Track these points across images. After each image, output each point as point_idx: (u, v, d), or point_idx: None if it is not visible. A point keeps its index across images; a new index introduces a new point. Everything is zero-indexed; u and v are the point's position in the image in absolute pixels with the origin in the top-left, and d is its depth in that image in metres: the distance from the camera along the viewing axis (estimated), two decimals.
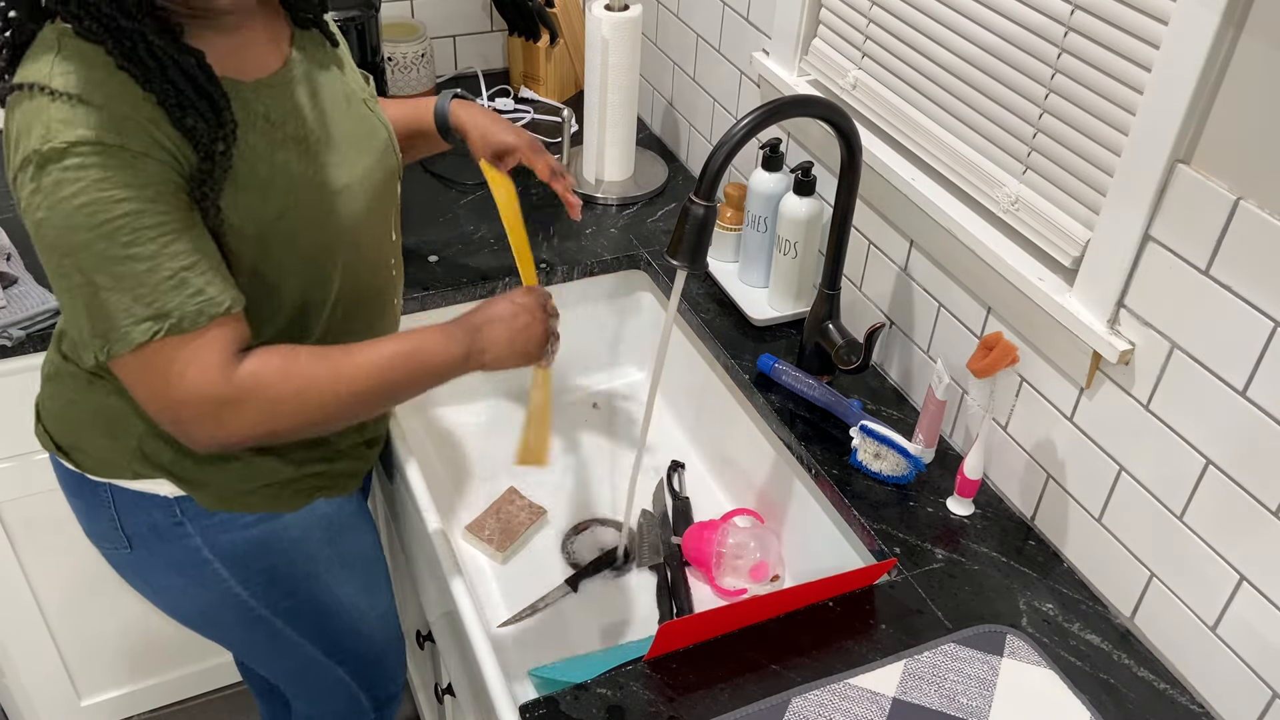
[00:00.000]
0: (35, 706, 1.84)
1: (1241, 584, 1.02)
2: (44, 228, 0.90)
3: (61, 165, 0.88)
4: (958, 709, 1.04)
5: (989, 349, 1.19)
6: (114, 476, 1.13)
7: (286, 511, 1.18)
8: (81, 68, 0.89)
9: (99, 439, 1.12)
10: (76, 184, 0.88)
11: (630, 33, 1.70)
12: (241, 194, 0.98)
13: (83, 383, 1.10)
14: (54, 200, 0.88)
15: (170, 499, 1.13)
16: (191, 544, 1.16)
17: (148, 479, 1.12)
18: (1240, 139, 0.93)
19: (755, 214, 1.54)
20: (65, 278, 0.92)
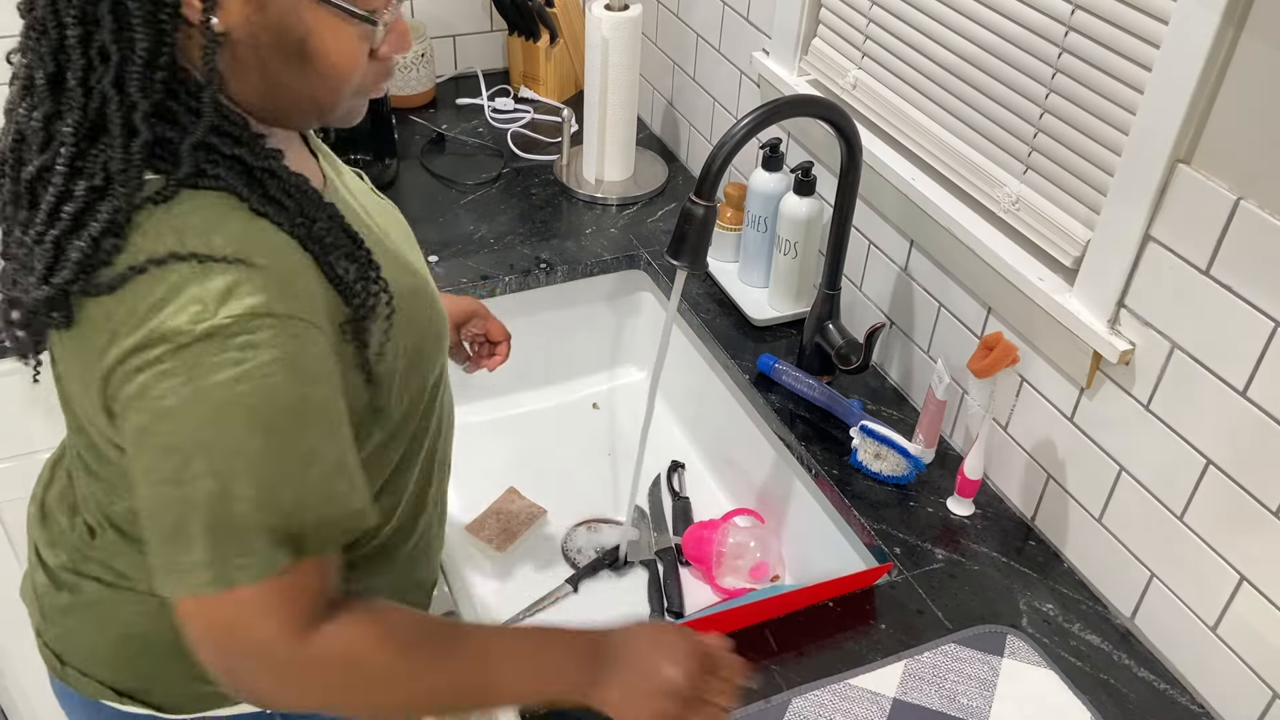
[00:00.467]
0: (35, 706, 1.84)
1: (1241, 584, 1.02)
2: (171, 419, 0.71)
3: (220, 342, 0.70)
4: (958, 709, 1.04)
5: (989, 349, 1.19)
6: (206, 708, 0.95)
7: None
8: (224, 220, 0.73)
9: (185, 669, 0.87)
10: (237, 366, 0.70)
11: (630, 33, 1.70)
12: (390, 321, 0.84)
13: (152, 607, 0.90)
14: (201, 385, 0.69)
15: (273, 714, 0.96)
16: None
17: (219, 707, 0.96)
18: (1240, 139, 0.93)
19: (755, 214, 1.54)
20: (180, 484, 0.72)
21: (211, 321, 0.70)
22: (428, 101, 2.06)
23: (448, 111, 2.05)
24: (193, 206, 0.74)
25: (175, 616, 0.77)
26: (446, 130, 1.97)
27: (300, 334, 0.73)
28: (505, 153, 1.92)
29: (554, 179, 1.85)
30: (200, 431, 0.70)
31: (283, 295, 0.73)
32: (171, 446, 0.71)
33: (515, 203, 1.78)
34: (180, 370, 0.70)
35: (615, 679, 0.85)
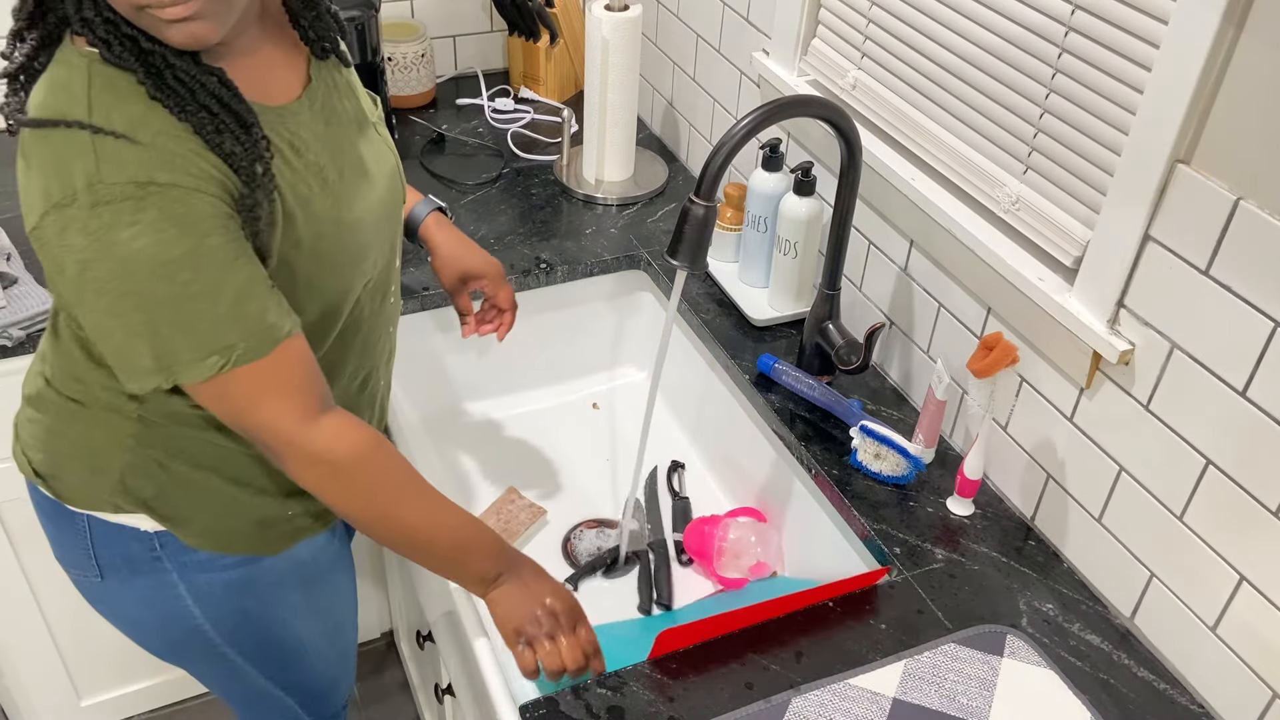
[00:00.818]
0: (35, 706, 1.84)
1: (1241, 584, 1.02)
2: (94, 268, 0.87)
3: (114, 207, 0.85)
4: (958, 709, 1.04)
5: (989, 349, 1.19)
6: (93, 508, 1.10)
7: (268, 555, 1.15)
8: (119, 102, 0.87)
9: (79, 469, 1.09)
10: (133, 226, 0.85)
11: (630, 33, 1.70)
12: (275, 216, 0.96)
13: (65, 413, 1.08)
14: (107, 242, 0.85)
15: (150, 533, 1.10)
16: (167, 579, 1.13)
17: (128, 513, 1.10)
18: (1240, 139, 0.93)
19: (755, 214, 1.54)
20: (118, 316, 0.89)
21: (103, 183, 0.85)
22: (428, 101, 2.06)
23: (448, 111, 2.05)
24: (104, 84, 0.88)
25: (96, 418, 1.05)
26: (446, 130, 1.97)
27: (182, 198, 0.87)
28: (505, 153, 1.92)
29: (554, 179, 1.86)
30: (116, 279, 0.87)
31: (164, 168, 0.87)
32: (101, 289, 0.88)
33: (515, 203, 1.78)
34: (90, 230, 0.85)
35: (510, 586, 1.07)
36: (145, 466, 1.07)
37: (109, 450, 1.07)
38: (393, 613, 1.97)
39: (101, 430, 1.06)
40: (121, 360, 0.93)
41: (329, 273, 1.02)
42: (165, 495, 1.09)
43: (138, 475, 1.07)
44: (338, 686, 1.38)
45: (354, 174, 1.04)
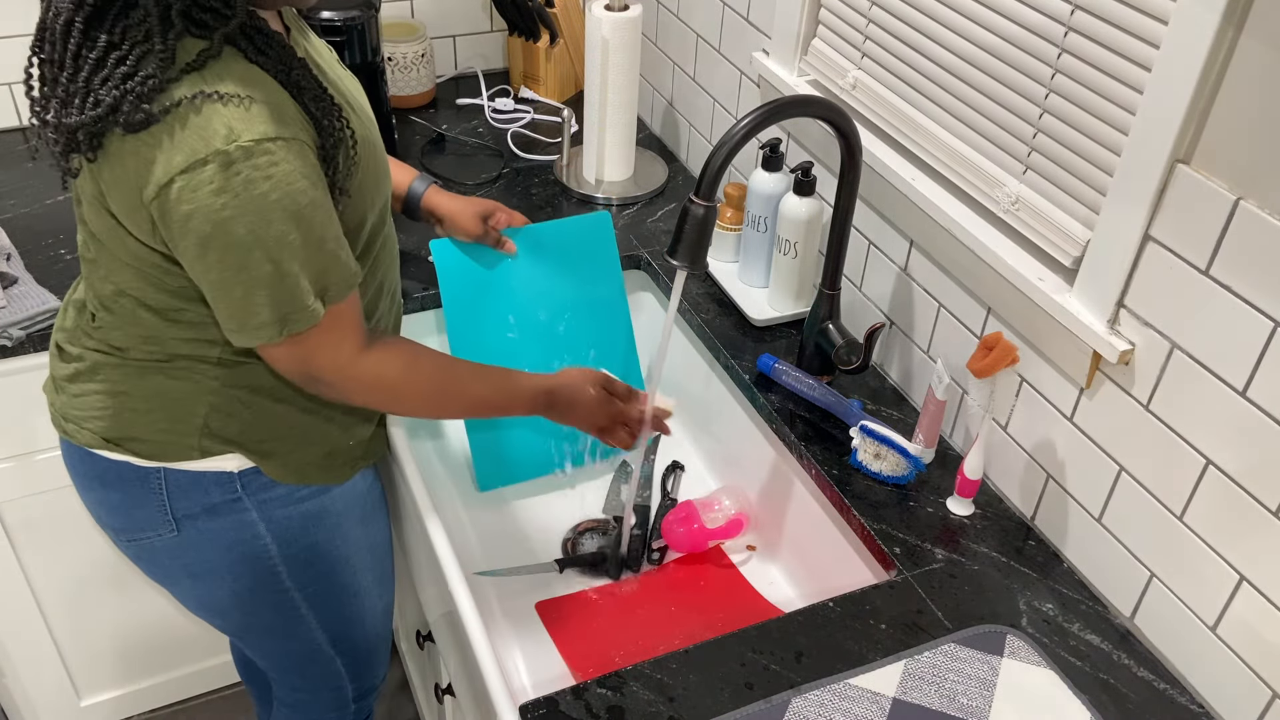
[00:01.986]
0: (35, 706, 1.84)
1: (1241, 584, 1.02)
2: (230, 225, 0.93)
3: (251, 163, 0.91)
4: (958, 709, 1.04)
5: (989, 349, 1.19)
6: (175, 459, 1.15)
7: (336, 484, 1.25)
8: (227, 67, 0.93)
9: (159, 424, 1.14)
10: (268, 180, 0.92)
11: (630, 33, 1.70)
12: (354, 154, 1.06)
13: (133, 371, 1.13)
14: (246, 197, 0.92)
15: (234, 474, 1.17)
16: (247, 518, 1.20)
17: (215, 455, 1.16)
18: (1240, 139, 0.93)
19: (755, 214, 1.54)
20: (243, 270, 0.96)
21: (238, 143, 0.91)
22: (428, 101, 2.06)
23: (448, 111, 2.05)
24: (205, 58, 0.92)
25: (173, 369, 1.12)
26: (446, 130, 1.97)
27: (300, 151, 0.95)
28: (505, 153, 1.92)
29: (554, 179, 1.86)
30: (253, 231, 0.94)
31: (282, 121, 0.94)
32: (232, 244, 0.94)
33: (515, 203, 1.78)
34: (230, 188, 0.91)
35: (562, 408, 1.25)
36: (229, 406, 1.14)
37: (193, 397, 1.13)
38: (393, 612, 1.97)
39: (182, 380, 1.12)
40: (237, 316, 1.00)
41: (371, 191, 1.12)
42: (250, 430, 1.16)
43: (222, 415, 1.14)
44: (379, 652, 1.46)
45: (356, 103, 1.13)
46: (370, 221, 1.14)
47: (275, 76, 0.96)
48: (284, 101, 0.96)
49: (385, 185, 1.18)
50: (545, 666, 1.30)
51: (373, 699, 1.55)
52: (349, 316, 1.06)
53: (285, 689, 1.47)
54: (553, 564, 1.43)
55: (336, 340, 1.06)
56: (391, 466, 1.43)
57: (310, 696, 1.46)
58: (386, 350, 1.12)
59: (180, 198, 0.92)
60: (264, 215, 0.93)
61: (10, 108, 1.86)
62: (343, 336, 1.06)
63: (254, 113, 0.92)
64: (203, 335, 1.10)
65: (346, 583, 1.33)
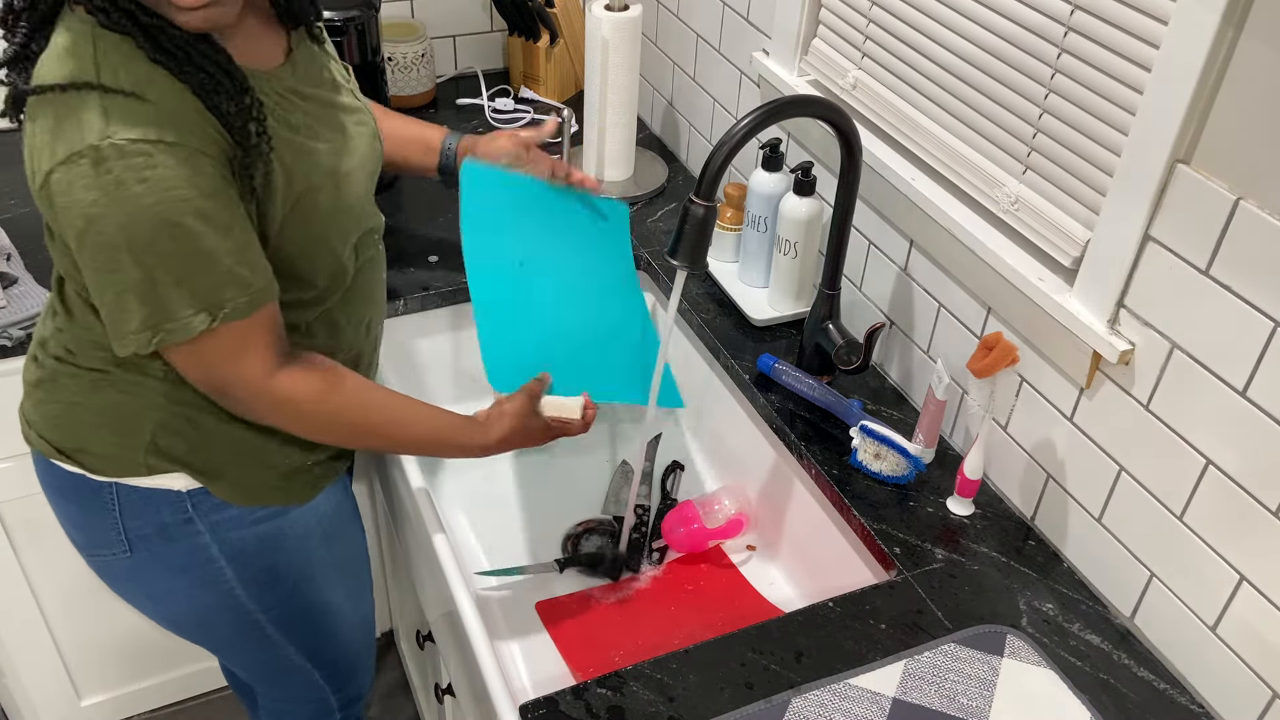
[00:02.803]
0: (35, 706, 1.84)
1: (1241, 584, 1.02)
2: (99, 223, 0.90)
3: (125, 162, 0.88)
4: (958, 709, 1.04)
5: (989, 349, 1.19)
6: (123, 475, 1.13)
7: (295, 505, 1.21)
8: (125, 63, 0.90)
9: (107, 437, 1.12)
10: (141, 183, 0.89)
11: (630, 33, 1.70)
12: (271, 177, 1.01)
13: (85, 383, 1.10)
14: (115, 197, 0.89)
15: (183, 493, 1.14)
16: (199, 541, 1.16)
17: (161, 474, 1.13)
18: (1240, 139, 0.93)
19: (755, 214, 1.54)
20: (114, 272, 0.93)
21: (111, 141, 0.88)
22: (428, 101, 2.06)
23: (448, 111, 2.05)
24: (109, 48, 0.91)
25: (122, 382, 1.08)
26: None
27: (188, 159, 0.91)
28: None
29: None
30: (122, 233, 0.90)
31: (171, 127, 0.90)
32: (102, 244, 0.91)
33: None
34: (99, 184, 0.88)
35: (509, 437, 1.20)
36: (176, 424, 1.11)
37: (140, 412, 1.10)
38: (393, 613, 1.97)
39: (129, 394, 1.09)
40: (112, 320, 0.97)
41: (333, 226, 1.09)
42: (197, 450, 1.12)
43: (169, 433, 1.11)
44: (361, 662, 1.43)
45: (340, 133, 1.10)
46: (343, 254, 1.12)
47: (182, 79, 0.92)
48: (184, 106, 0.92)
49: (366, 219, 1.15)
50: (545, 666, 1.30)
51: (360, 706, 1.52)
52: (258, 331, 1.02)
53: (268, 699, 1.46)
54: (553, 564, 1.43)
55: (240, 355, 1.02)
56: (391, 467, 1.43)
57: (293, 706, 1.44)
58: (306, 371, 1.07)
59: (57, 189, 0.90)
60: (134, 218, 0.90)
61: None
62: (248, 351, 1.02)
63: (137, 112, 0.89)
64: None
65: (314, 601, 1.29)
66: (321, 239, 1.09)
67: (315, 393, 1.08)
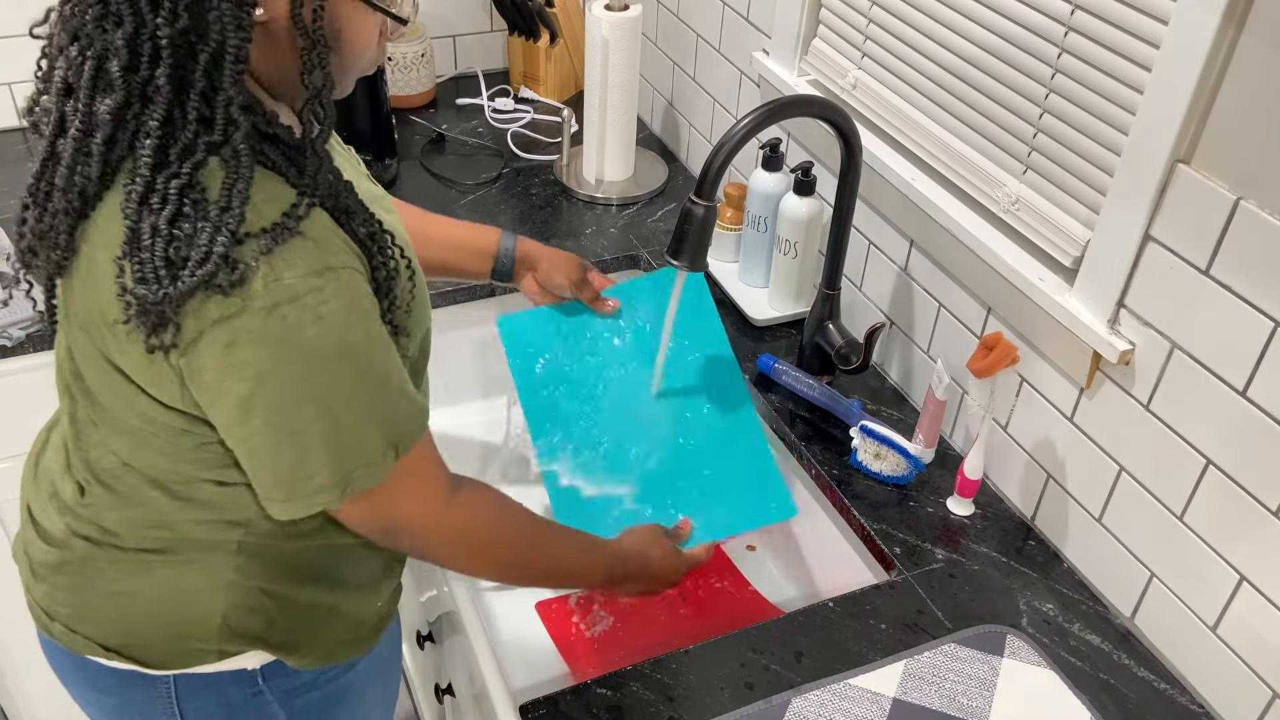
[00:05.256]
0: (35, 706, 1.84)
1: (1241, 584, 1.02)
2: (269, 380, 0.80)
3: (298, 304, 0.79)
4: (958, 709, 1.04)
5: (989, 349, 1.19)
6: (187, 665, 0.99)
7: (360, 655, 1.09)
8: (267, 202, 0.80)
9: (168, 626, 0.97)
10: (320, 322, 0.80)
11: (630, 33, 1.70)
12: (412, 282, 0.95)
13: (133, 567, 0.96)
14: (292, 344, 0.79)
15: (253, 670, 1.01)
16: (267, 711, 1.05)
17: (233, 656, 1.00)
18: (1240, 139, 0.93)
19: (755, 214, 1.54)
20: (295, 433, 0.83)
21: (281, 283, 0.78)
22: (428, 101, 2.06)
23: (448, 111, 2.05)
24: (262, 195, 0.80)
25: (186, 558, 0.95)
26: (446, 130, 1.97)
27: (352, 280, 0.83)
28: (505, 153, 1.92)
29: (554, 179, 1.86)
30: (303, 385, 0.81)
31: (331, 251, 0.82)
32: (279, 403, 0.81)
33: (515, 203, 1.79)
34: (270, 335, 0.79)
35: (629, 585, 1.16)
36: (250, 600, 0.97)
37: (208, 594, 0.96)
38: None
39: (194, 574, 0.96)
40: (290, 483, 0.86)
41: (421, 316, 1.00)
42: (275, 624, 0.99)
43: (243, 612, 0.97)
44: None
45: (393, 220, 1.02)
46: (422, 351, 1.03)
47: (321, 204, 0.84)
48: (327, 228, 0.83)
49: (428, 313, 1.04)
50: (545, 666, 1.30)
51: None
52: (430, 459, 0.93)
53: None
54: None
55: (419, 487, 0.93)
56: None
57: None
58: (476, 495, 0.99)
59: (213, 352, 0.79)
60: (314, 362, 0.81)
61: (10, 108, 1.86)
62: (426, 482, 0.93)
63: (295, 245, 0.79)
64: (222, 516, 0.94)
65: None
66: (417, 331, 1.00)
67: (492, 515, 1.00)
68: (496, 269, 1.31)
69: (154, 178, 0.78)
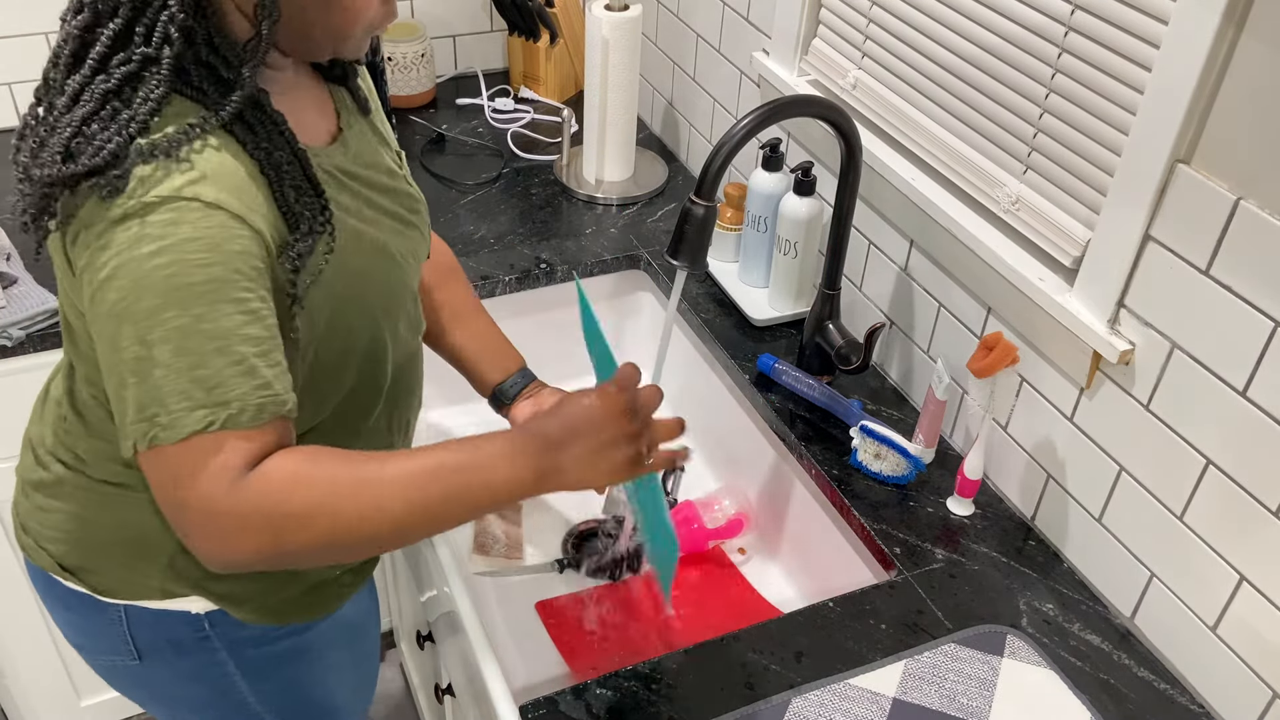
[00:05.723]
0: (35, 706, 1.84)
1: (1241, 584, 1.02)
2: (107, 289, 0.78)
3: (144, 219, 0.77)
4: (958, 709, 1.04)
5: (989, 349, 1.19)
6: (135, 598, 1.03)
7: (318, 618, 1.10)
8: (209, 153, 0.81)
9: (118, 558, 1.02)
10: (160, 241, 0.77)
11: (630, 33, 1.70)
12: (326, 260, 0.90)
13: (96, 497, 1.00)
14: (127, 257, 0.77)
15: (199, 615, 1.04)
16: (216, 658, 1.08)
17: (178, 597, 1.03)
18: (1240, 139, 0.93)
19: (755, 214, 1.54)
20: (118, 351, 0.79)
21: (139, 199, 0.77)
22: (428, 101, 2.06)
23: (448, 111, 2.05)
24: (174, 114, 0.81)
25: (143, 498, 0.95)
26: (446, 130, 1.97)
27: (224, 224, 0.79)
28: (505, 153, 1.92)
29: (554, 179, 1.86)
30: (126, 301, 0.78)
31: (216, 189, 0.79)
32: (108, 314, 0.79)
33: (515, 203, 1.79)
34: (112, 244, 0.77)
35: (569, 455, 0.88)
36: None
37: (157, 532, 0.99)
38: (392, 613, 1.97)
39: (147, 513, 0.98)
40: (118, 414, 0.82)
41: (377, 308, 0.97)
42: (218, 575, 1.01)
43: (189, 557, 1.00)
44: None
45: (390, 218, 1.01)
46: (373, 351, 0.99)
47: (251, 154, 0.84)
48: (227, 166, 0.81)
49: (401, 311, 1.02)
50: (545, 666, 1.30)
51: None
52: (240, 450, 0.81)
53: None
54: (553, 564, 1.43)
55: (207, 467, 0.80)
56: None
57: None
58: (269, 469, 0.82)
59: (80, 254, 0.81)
60: (139, 282, 0.77)
61: (10, 107, 1.86)
62: (217, 465, 0.80)
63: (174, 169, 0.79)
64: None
65: (322, 702, 1.20)
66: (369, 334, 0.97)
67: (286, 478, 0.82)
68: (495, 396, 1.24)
69: (92, 79, 0.80)
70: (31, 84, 1.85)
